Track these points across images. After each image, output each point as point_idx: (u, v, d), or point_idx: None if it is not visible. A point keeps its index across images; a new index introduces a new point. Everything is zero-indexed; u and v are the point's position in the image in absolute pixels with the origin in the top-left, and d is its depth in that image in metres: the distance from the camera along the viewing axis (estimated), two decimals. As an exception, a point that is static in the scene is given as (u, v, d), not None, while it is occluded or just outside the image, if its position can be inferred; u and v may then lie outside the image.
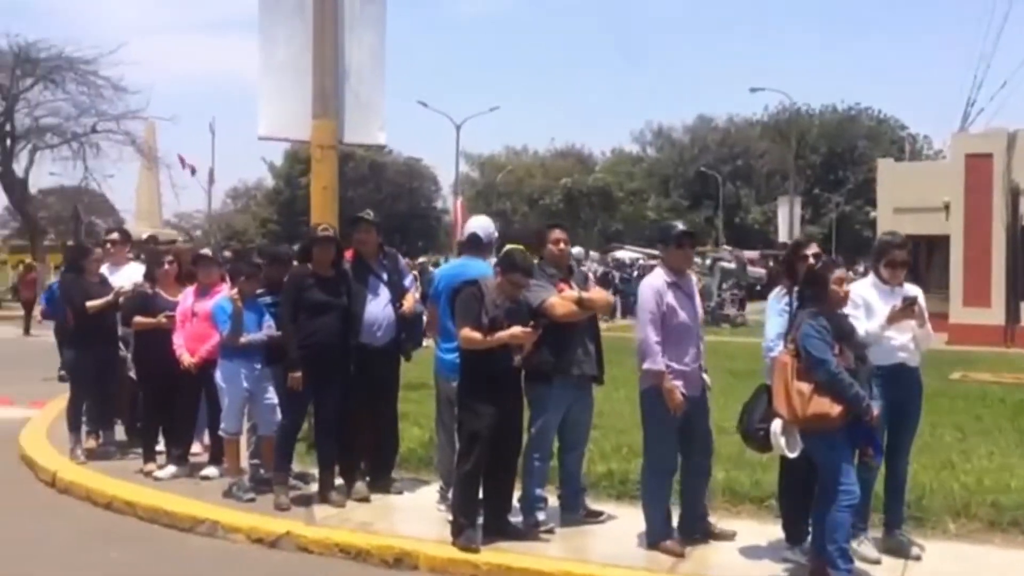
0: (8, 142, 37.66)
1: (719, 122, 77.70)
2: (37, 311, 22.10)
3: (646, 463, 6.20)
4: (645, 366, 5.94)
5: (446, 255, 51.76)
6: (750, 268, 34.37)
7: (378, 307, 7.18)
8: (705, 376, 6.17)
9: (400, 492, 7.39)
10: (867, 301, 5.97)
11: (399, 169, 69.14)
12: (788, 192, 45.07)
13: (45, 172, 41.39)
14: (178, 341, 7.71)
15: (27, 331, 23.35)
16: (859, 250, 49.88)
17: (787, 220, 39.70)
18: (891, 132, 74.58)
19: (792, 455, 5.50)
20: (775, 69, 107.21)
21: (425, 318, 7.37)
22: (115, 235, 9.56)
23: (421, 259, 35.22)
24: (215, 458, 7.90)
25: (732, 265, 29.22)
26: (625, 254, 49.42)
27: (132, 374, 8.57)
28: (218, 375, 7.24)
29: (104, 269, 8.90)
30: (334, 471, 7.15)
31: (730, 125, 77.48)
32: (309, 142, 8.91)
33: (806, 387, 5.27)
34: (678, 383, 5.91)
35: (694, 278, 6.35)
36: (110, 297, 8.38)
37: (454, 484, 6.31)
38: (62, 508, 7.57)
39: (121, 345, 8.64)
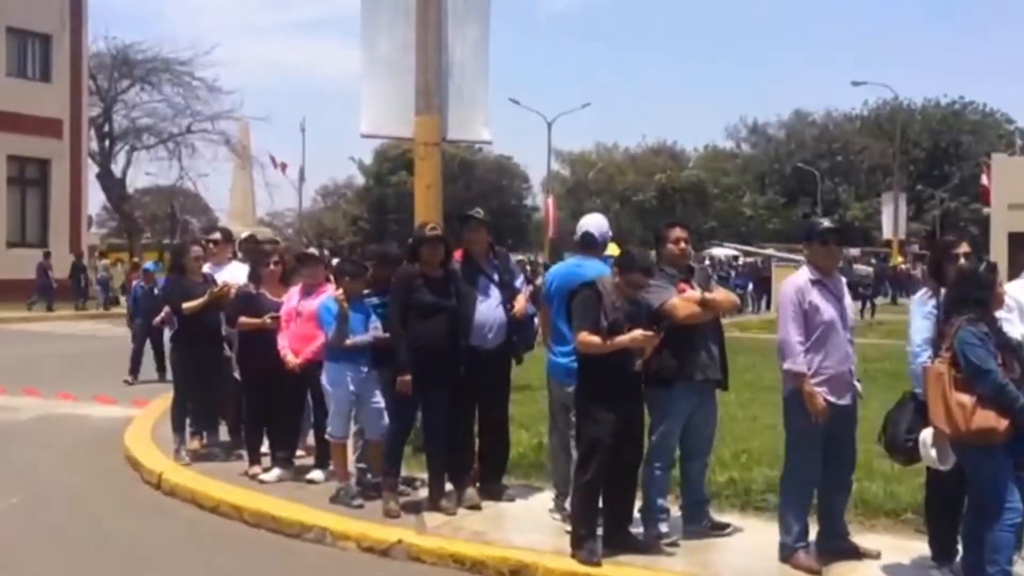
0: (107, 143, 38.63)
1: (817, 117, 75.97)
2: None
3: (786, 471, 5.80)
4: (785, 366, 5.57)
5: (536, 253, 51.72)
6: (855, 266, 33.25)
7: (489, 308, 6.91)
8: (857, 383, 5.75)
9: (511, 499, 7.11)
10: (1021, 304, 5.49)
11: (489, 167, 69.21)
12: (892, 188, 43.66)
13: (141, 172, 42.45)
14: (282, 342, 7.56)
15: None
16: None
17: (892, 217, 38.44)
18: (998, 127, 72.15)
19: (945, 468, 5.07)
20: (875, 63, 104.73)
21: (536, 320, 7.10)
22: (216, 234, 9.50)
23: (518, 257, 35.05)
24: (320, 461, 7.73)
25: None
26: (721, 251, 48.61)
27: (236, 375, 8.47)
28: (324, 378, 7.06)
29: (206, 268, 8.84)
30: (444, 477, 6.90)
31: (828, 120, 75.70)
32: (412, 139, 8.71)
33: (967, 399, 4.83)
34: (821, 389, 5.51)
35: (843, 279, 5.92)
36: (205, 298, 8.27)
37: (573, 494, 6.01)
38: (168, 510, 7.48)
39: (225, 346, 8.53)
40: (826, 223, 5.83)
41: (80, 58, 31.23)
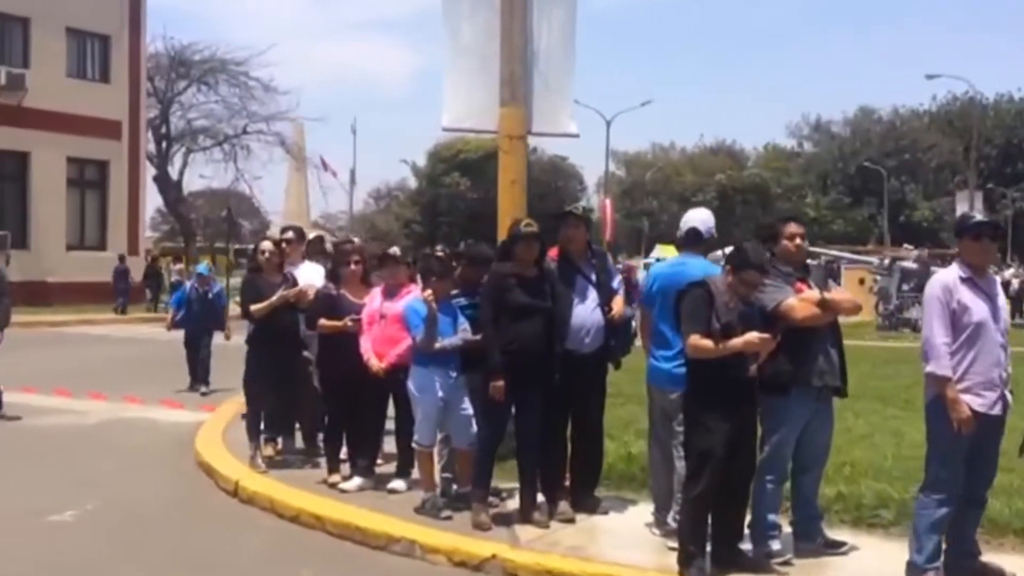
0: (163, 145, 38.82)
1: (883, 113, 74.38)
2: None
3: (926, 484, 5.32)
4: (928, 369, 5.14)
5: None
6: (934, 269, 32.16)
7: (586, 311, 6.54)
8: (1008, 393, 5.28)
9: (606, 512, 6.73)
10: None
11: (544, 168, 68.68)
12: (963, 187, 42.38)
13: (195, 175, 42.84)
14: (365, 345, 7.24)
15: None
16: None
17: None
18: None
19: None
20: (944, 57, 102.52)
21: (635, 323, 6.72)
22: (290, 233, 9.21)
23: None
24: (402, 470, 7.41)
25: (914, 265, 26.96)
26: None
27: (316, 380, 8.18)
28: (411, 383, 6.72)
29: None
30: (536, 488, 6.53)
31: (895, 117, 74.06)
32: (495, 132, 8.35)
33: None
34: (967, 396, 5.06)
35: (997, 278, 5.47)
36: (273, 299, 7.99)
37: (682, 508, 5.61)
38: (247, 520, 7.19)
39: (305, 351, 8.24)
40: (979, 217, 5.39)
41: (139, 58, 31.31)
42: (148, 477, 8.54)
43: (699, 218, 6.23)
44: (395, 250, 7.37)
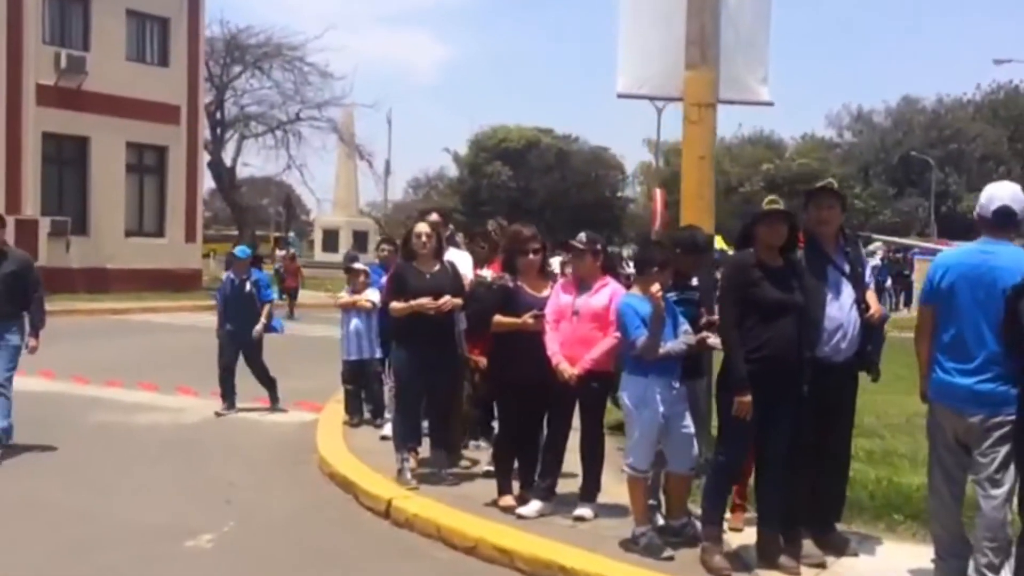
0: (218, 131, 37.98)
1: (927, 103, 72.69)
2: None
3: None
4: None
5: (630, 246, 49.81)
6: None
7: (841, 310, 5.42)
8: None
9: (855, 554, 5.62)
10: None
11: (585, 158, 67.57)
12: (1008, 177, 40.63)
13: (243, 162, 41.82)
14: (553, 347, 6.16)
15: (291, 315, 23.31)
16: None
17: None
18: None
19: None
20: (991, 44, 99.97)
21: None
22: (434, 216, 8.14)
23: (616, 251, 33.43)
24: (588, 493, 6.33)
25: None
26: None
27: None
28: (626, 397, 5.62)
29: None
30: (779, 525, 5.42)
31: (939, 106, 72.36)
32: (679, 99, 7.26)
33: None
34: None
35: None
36: (425, 301, 6.95)
37: (1017, 561, 4.51)
38: (411, 549, 6.15)
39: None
40: None
41: (197, 42, 30.34)
42: (278, 490, 7.55)
43: (1008, 194, 4.99)
44: (582, 237, 6.26)
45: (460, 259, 7.76)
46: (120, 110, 27.12)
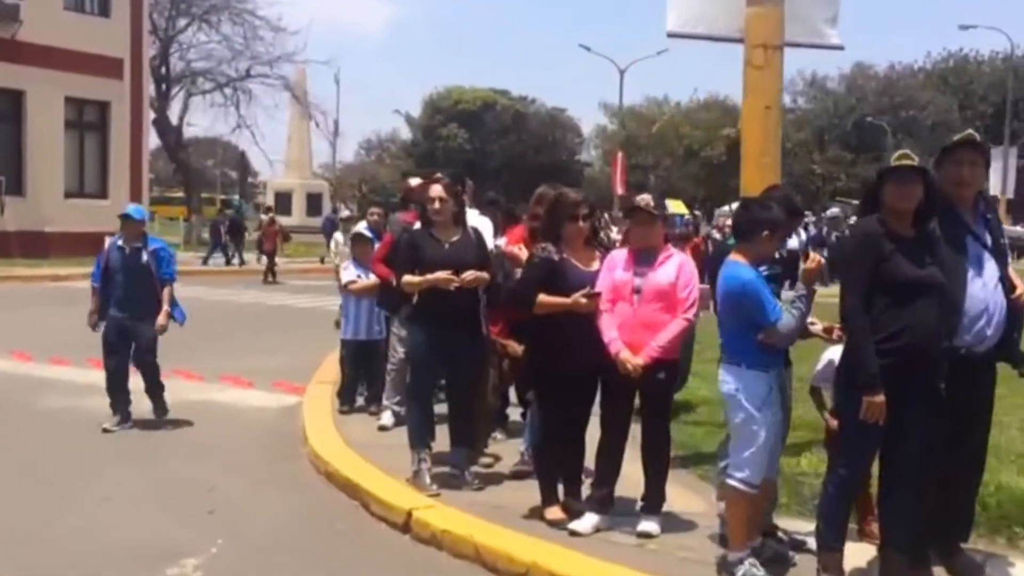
0: (163, 87, 36.17)
1: (879, 70, 72.70)
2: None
3: None
4: None
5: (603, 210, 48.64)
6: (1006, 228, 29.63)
7: (985, 289, 4.46)
8: None
9: (989, 578, 4.71)
10: None
11: (542, 120, 66.52)
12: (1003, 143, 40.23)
13: (194, 120, 40.14)
14: (611, 332, 5.13)
15: (267, 278, 23.70)
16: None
17: (1000, 172, 35.28)
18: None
19: None
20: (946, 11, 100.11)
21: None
22: (438, 176, 7.02)
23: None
24: (652, 504, 5.34)
25: None
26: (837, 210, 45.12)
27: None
28: (741, 396, 4.50)
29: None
30: (910, 543, 4.46)
31: (891, 73, 72.45)
32: (736, 40, 6.25)
33: None
34: None
35: None
36: (444, 275, 5.90)
37: None
38: (442, 573, 5.14)
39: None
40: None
41: (140, -10, 28.68)
42: (268, 495, 6.45)
43: None
44: (648, 199, 5.22)
45: (482, 225, 6.70)
46: (58, 62, 25.48)
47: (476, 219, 6.75)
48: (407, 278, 6.10)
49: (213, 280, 23.06)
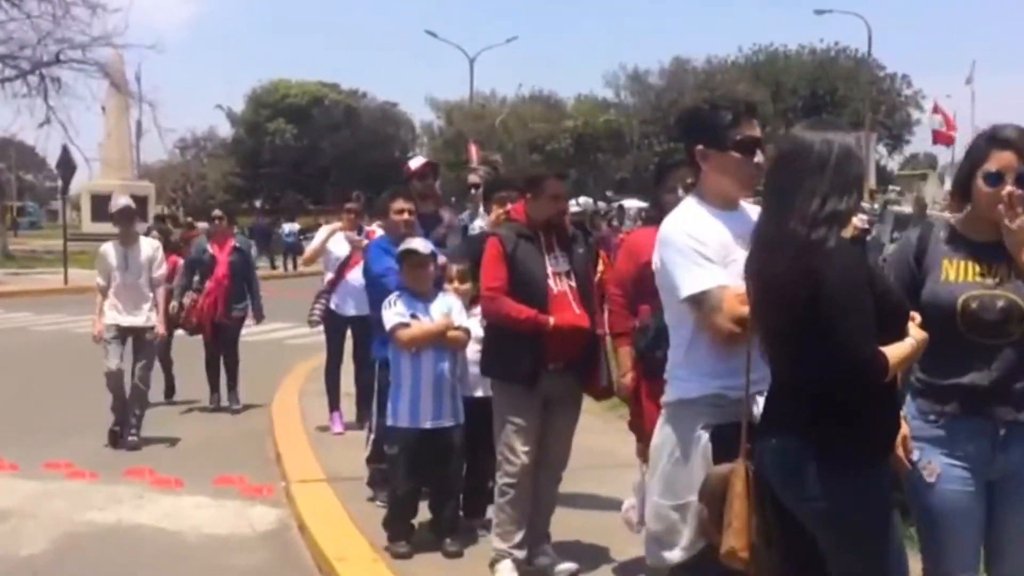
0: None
1: (697, 64, 75.13)
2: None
3: None
4: None
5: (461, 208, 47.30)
6: (931, 214, 28.22)
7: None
8: None
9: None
10: None
11: (374, 115, 65.28)
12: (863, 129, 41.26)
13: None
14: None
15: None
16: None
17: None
18: (869, 72, 72.69)
19: None
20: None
21: None
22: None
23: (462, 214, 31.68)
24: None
25: (908, 210, 21.56)
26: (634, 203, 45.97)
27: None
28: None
29: None
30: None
31: (709, 67, 75.00)
32: None
33: None
34: None
35: None
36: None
37: None
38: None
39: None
40: None
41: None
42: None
43: None
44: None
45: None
46: None
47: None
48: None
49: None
